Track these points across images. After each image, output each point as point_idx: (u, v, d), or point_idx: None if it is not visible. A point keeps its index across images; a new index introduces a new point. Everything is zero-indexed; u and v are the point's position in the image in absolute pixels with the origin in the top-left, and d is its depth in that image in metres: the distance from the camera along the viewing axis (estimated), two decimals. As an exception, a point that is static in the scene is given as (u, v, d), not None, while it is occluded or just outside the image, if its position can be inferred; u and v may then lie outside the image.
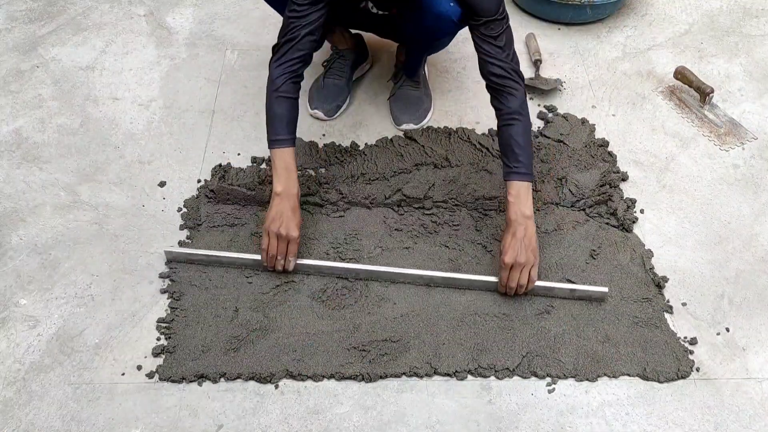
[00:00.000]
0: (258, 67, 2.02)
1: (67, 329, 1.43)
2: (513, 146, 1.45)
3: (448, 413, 1.33)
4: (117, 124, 1.86)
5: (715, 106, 1.92)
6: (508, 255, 1.42)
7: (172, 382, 1.35)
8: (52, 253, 1.56)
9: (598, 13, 2.15)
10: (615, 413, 1.33)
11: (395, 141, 1.79)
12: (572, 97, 1.96)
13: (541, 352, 1.40)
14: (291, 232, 1.45)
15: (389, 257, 1.56)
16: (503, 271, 1.44)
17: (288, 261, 1.48)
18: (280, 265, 1.49)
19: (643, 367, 1.38)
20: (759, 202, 1.70)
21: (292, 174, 1.48)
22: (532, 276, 1.44)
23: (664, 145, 1.83)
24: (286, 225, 1.45)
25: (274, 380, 1.36)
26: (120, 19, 2.17)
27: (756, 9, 2.26)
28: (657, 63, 2.07)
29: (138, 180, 1.71)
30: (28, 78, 1.98)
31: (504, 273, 1.44)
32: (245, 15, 2.20)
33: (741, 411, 1.34)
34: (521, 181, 1.45)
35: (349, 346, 1.40)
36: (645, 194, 1.71)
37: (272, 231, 1.45)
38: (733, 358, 1.41)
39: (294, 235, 1.46)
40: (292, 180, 1.47)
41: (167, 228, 1.61)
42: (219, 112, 1.89)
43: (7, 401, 1.33)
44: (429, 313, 1.46)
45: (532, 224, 1.45)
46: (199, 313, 1.45)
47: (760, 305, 1.50)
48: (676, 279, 1.54)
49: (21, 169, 1.74)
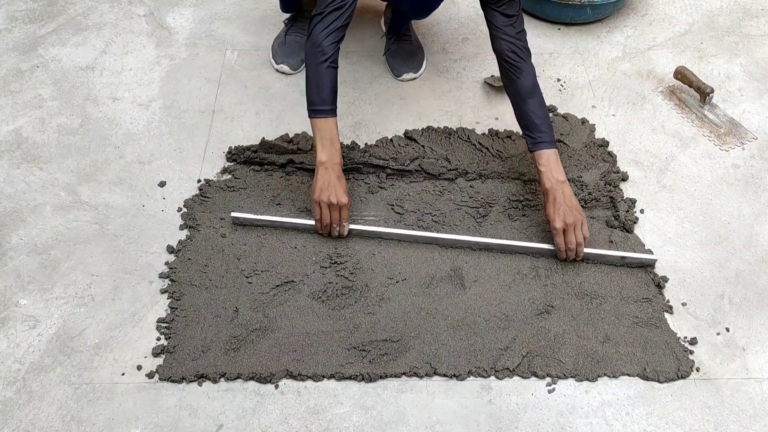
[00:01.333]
0: (258, 67, 2.02)
1: (67, 329, 1.43)
2: (533, 119, 1.52)
3: (448, 413, 1.33)
4: (117, 124, 1.85)
5: (715, 106, 1.92)
6: (557, 221, 1.48)
7: (172, 382, 1.35)
8: (52, 253, 1.56)
9: (598, 13, 2.15)
10: (615, 413, 1.33)
11: (395, 141, 1.79)
12: (572, 97, 1.96)
13: (541, 352, 1.40)
14: (341, 198, 1.49)
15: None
16: (557, 237, 1.49)
17: (342, 227, 1.53)
18: (336, 232, 1.54)
19: (643, 367, 1.39)
20: (759, 202, 1.70)
21: (336, 143, 1.51)
22: (585, 233, 1.50)
23: (664, 145, 1.83)
24: (336, 193, 1.49)
25: (274, 380, 1.36)
26: (120, 19, 2.17)
27: (756, 9, 2.26)
28: (657, 63, 2.07)
29: (138, 180, 1.71)
30: (28, 78, 1.98)
31: (559, 239, 1.49)
32: (245, 15, 2.20)
33: (741, 411, 1.34)
34: (548, 149, 1.51)
35: (349, 346, 1.40)
36: (645, 194, 1.71)
37: (323, 201, 1.49)
38: (733, 358, 1.41)
39: (344, 201, 1.50)
40: (336, 149, 1.51)
41: (167, 228, 1.61)
42: (219, 112, 1.89)
43: (7, 401, 1.33)
44: (429, 313, 1.46)
45: (568, 187, 1.51)
46: (199, 313, 1.45)
47: (760, 305, 1.50)
48: (676, 279, 1.54)
49: (21, 169, 1.74)
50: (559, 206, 1.48)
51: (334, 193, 1.49)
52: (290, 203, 1.64)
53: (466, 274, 1.53)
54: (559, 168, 1.51)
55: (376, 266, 1.53)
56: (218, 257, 1.54)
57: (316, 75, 1.49)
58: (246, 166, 1.73)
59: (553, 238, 1.50)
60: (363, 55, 2.06)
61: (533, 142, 1.52)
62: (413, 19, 1.99)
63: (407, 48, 2.00)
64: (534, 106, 1.53)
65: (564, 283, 1.52)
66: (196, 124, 1.85)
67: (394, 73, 2.00)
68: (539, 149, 1.51)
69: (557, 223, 1.47)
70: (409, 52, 2.00)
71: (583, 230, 1.49)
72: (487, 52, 2.08)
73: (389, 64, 2.01)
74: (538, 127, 1.51)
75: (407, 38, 2.01)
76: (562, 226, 1.47)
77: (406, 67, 1.98)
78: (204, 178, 1.71)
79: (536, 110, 1.52)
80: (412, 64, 1.99)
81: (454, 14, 2.21)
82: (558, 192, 1.49)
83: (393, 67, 2.00)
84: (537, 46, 2.11)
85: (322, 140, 1.50)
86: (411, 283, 1.51)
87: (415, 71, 1.99)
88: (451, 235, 1.56)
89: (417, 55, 2.01)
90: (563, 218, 1.47)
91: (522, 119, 1.55)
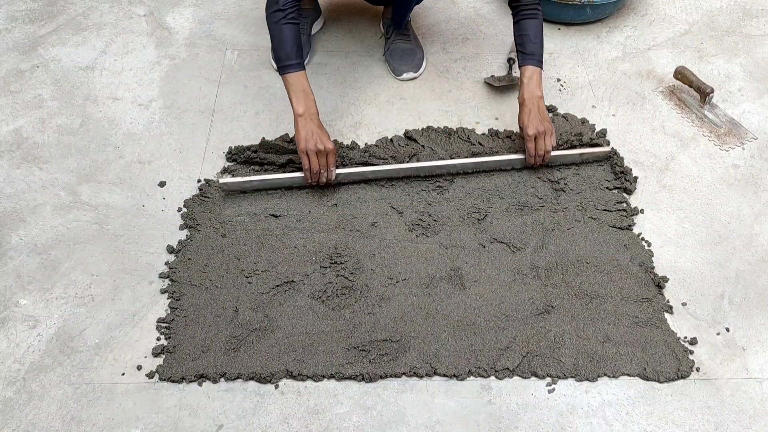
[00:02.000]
0: (258, 67, 2.02)
1: (67, 329, 1.43)
2: (530, 37, 1.67)
3: (448, 413, 1.33)
4: (117, 124, 1.86)
5: (715, 106, 1.92)
6: (530, 128, 1.61)
7: (172, 382, 1.36)
8: (52, 253, 1.56)
9: (598, 13, 2.15)
10: (615, 413, 1.33)
11: (395, 141, 1.79)
12: (572, 97, 1.96)
13: (541, 352, 1.40)
14: (327, 144, 1.55)
15: None
16: (529, 142, 1.63)
17: (330, 172, 1.59)
18: (324, 178, 1.60)
19: (643, 367, 1.39)
20: (759, 202, 1.70)
21: (309, 95, 1.57)
22: (552, 142, 1.64)
23: (664, 145, 1.83)
24: (320, 139, 1.55)
25: (274, 380, 1.36)
26: (120, 19, 2.17)
27: (756, 9, 2.26)
28: (657, 63, 2.07)
29: (138, 180, 1.71)
30: (28, 78, 1.98)
31: (530, 144, 1.63)
32: (245, 15, 2.20)
33: (741, 411, 1.34)
34: (534, 67, 1.67)
35: (349, 346, 1.40)
36: (645, 194, 1.71)
37: (309, 149, 1.55)
38: (733, 358, 1.41)
39: (330, 147, 1.56)
40: (310, 100, 1.57)
41: (167, 228, 1.61)
42: (219, 112, 1.89)
43: (7, 401, 1.33)
44: (429, 313, 1.46)
45: (543, 101, 1.66)
46: (199, 313, 1.45)
47: (760, 305, 1.50)
48: (676, 279, 1.54)
49: (21, 169, 1.74)
50: (533, 116, 1.62)
51: (319, 140, 1.55)
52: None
53: (466, 274, 1.53)
54: (540, 85, 1.66)
55: (376, 266, 1.53)
56: (218, 257, 1.54)
57: (278, 33, 1.56)
58: (246, 166, 1.73)
59: (525, 143, 1.64)
60: (363, 55, 2.06)
61: (523, 58, 1.67)
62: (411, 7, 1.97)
63: (406, 47, 2.01)
64: (532, 27, 1.67)
65: (564, 283, 1.52)
66: (196, 124, 1.85)
67: (394, 72, 2.00)
68: (527, 64, 1.66)
69: (530, 129, 1.61)
70: (409, 51, 2.01)
71: (552, 140, 1.63)
72: (487, 52, 2.09)
73: (389, 63, 2.02)
74: (532, 46, 1.66)
75: (406, 37, 2.02)
76: (534, 132, 1.61)
77: (406, 66, 1.99)
78: (204, 178, 1.71)
79: (534, 30, 1.67)
80: (412, 63, 2.00)
81: (454, 14, 2.21)
82: (533, 104, 1.63)
83: (393, 67, 2.00)
84: (537, 46, 2.11)
85: (296, 93, 1.56)
86: (411, 283, 1.51)
87: (415, 71, 1.99)
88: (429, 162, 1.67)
89: (416, 55, 2.02)
90: (536, 126, 1.61)
91: (518, 36, 1.69)
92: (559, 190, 1.69)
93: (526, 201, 1.66)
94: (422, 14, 2.20)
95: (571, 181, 1.71)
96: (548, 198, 1.68)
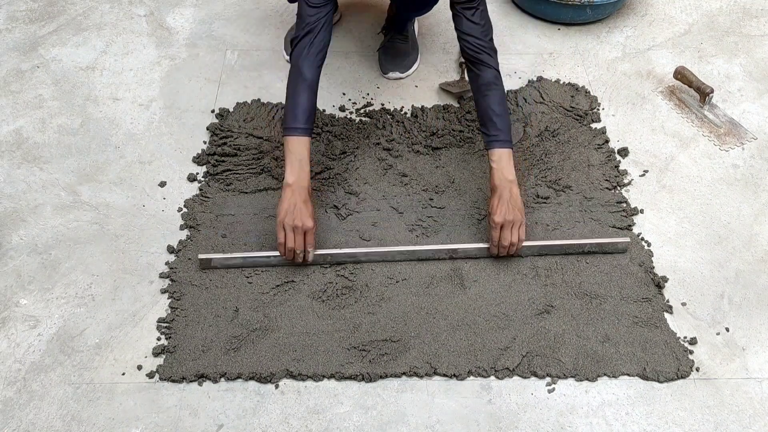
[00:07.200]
0: (258, 67, 2.02)
1: (68, 329, 1.43)
2: (491, 115, 1.53)
3: (448, 413, 1.33)
4: (117, 124, 1.86)
5: (714, 106, 1.92)
6: (497, 215, 1.49)
7: (172, 382, 1.36)
8: (52, 253, 1.56)
9: (598, 14, 2.15)
10: (615, 413, 1.33)
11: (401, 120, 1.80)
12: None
13: (541, 352, 1.40)
14: (306, 222, 1.46)
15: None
16: (494, 230, 1.50)
17: (307, 252, 1.49)
18: (299, 258, 1.49)
19: (643, 367, 1.39)
20: (759, 202, 1.70)
21: (305, 166, 1.48)
22: (521, 235, 1.51)
23: (664, 145, 1.83)
24: (300, 216, 1.45)
25: (275, 380, 1.36)
26: (120, 19, 2.18)
27: (756, 9, 2.26)
28: (657, 63, 2.07)
29: (138, 180, 1.72)
30: (29, 78, 1.98)
31: (495, 232, 1.50)
32: (245, 15, 2.20)
33: (741, 411, 1.34)
34: (502, 148, 1.53)
35: (349, 346, 1.40)
36: (645, 194, 1.71)
37: (287, 224, 1.45)
38: (732, 358, 1.42)
39: (309, 226, 1.46)
40: (304, 172, 1.48)
41: (167, 228, 1.61)
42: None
43: (7, 401, 1.33)
44: (429, 313, 1.46)
45: (516, 187, 1.52)
46: (200, 313, 1.45)
47: (760, 305, 1.50)
48: (676, 279, 1.54)
49: (21, 169, 1.74)
50: (503, 203, 1.50)
51: (299, 216, 1.45)
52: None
53: (466, 274, 1.53)
54: (511, 167, 1.52)
55: (376, 266, 1.54)
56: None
57: (294, 94, 1.50)
58: (218, 179, 1.71)
59: (489, 231, 1.52)
60: (363, 55, 2.07)
61: (488, 140, 1.54)
62: (413, 17, 1.98)
63: (401, 47, 2.00)
64: (492, 104, 1.54)
65: (564, 283, 1.52)
66: (197, 124, 1.85)
67: (382, 69, 2.00)
68: (493, 147, 1.53)
69: (497, 217, 1.49)
70: (402, 51, 2.00)
71: (520, 231, 1.51)
72: (487, 52, 2.08)
73: (379, 60, 2.01)
74: (495, 125, 1.53)
75: (404, 38, 2.01)
76: (501, 221, 1.49)
77: (394, 66, 1.98)
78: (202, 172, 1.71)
79: (495, 107, 1.54)
80: (402, 63, 1.99)
81: (454, 14, 2.21)
82: (505, 190, 1.51)
83: (382, 64, 2.00)
84: (537, 46, 2.11)
85: (291, 161, 1.47)
86: (411, 283, 1.51)
87: (402, 71, 1.98)
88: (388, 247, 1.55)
89: (409, 56, 2.00)
90: (504, 214, 1.49)
91: (480, 116, 1.56)
92: (559, 190, 1.69)
93: (525, 201, 1.66)
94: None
95: (571, 181, 1.71)
96: (548, 198, 1.68)
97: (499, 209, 1.49)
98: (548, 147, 1.78)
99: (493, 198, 1.51)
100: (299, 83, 1.50)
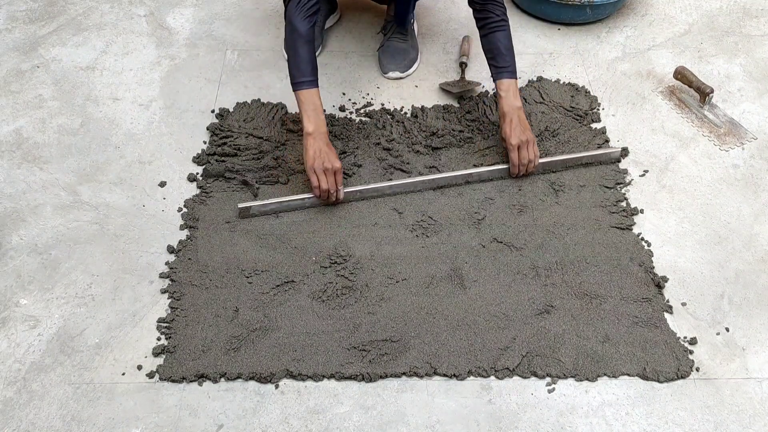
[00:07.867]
0: (258, 67, 2.02)
1: (68, 329, 1.43)
2: (501, 49, 1.68)
3: (448, 413, 1.33)
4: (117, 124, 1.86)
5: (714, 106, 1.92)
6: (513, 137, 1.64)
7: (172, 382, 1.36)
8: (52, 253, 1.56)
9: (597, 14, 2.15)
10: (615, 413, 1.33)
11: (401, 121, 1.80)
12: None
13: (541, 352, 1.40)
14: (335, 163, 1.57)
15: None
16: (512, 152, 1.65)
17: (338, 191, 1.60)
18: (333, 197, 1.60)
19: (643, 367, 1.39)
20: (759, 202, 1.70)
21: (320, 114, 1.59)
22: (536, 151, 1.66)
23: (664, 145, 1.83)
24: (328, 158, 1.56)
25: (275, 380, 1.36)
26: (120, 19, 2.18)
27: (756, 9, 2.26)
28: (657, 63, 2.07)
29: (138, 180, 1.72)
30: (29, 78, 1.98)
31: (514, 154, 1.65)
32: (245, 15, 2.20)
33: (741, 411, 1.34)
34: (510, 79, 1.68)
35: (349, 346, 1.40)
36: (645, 194, 1.71)
37: (318, 168, 1.56)
38: (733, 358, 1.42)
39: (338, 166, 1.57)
40: (321, 119, 1.58)
41: (167, 228, 1.61)
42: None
43: (7, 401, 1.33)
44: (429, 313, 1.46)
45: (522, 112, 1.68)
46: (200, 313, 1.45)
47: (760, 305, 1.50)
48: (676, 279, 1.54)
49: (21, 169, 1.74)
50: (515, 126, 1.64)
51: (327, 158, 1.56)
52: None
53: (466, 274, 1.53)
54: (517, 96, 1.68)
55: (376, 266, 1.54)
56: (218, 257, 1.54)
57: (294, 51, 1.58)
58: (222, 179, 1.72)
59: (509, 153, 1.65)
60: (363, 55, 2.07)
61: (497, 71, 1.68)
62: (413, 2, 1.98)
63: (401, 47, 2.01)
64: (502, 39, 1.67)
65: (564, 283, 1.52)
66: (197, 124, 1.86)
67: (381, 69, 2.00)
68: (502, 78, 1.67)
69: (513, 139, 1.63)
70: (402, 51, 2.00)
71: (534, 149, 1.65)
72: (487, 52, 2.09)
73: (379, 60, 2.02)
74: (504, 58, 1.67)
75: (403, 37, 2.01)
76: (518, 142, 1.63)
77: (394, 65, 1.99)
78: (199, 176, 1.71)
79: (504, 42, 1.67)
80: (402, 63, 1.99)
81: (454, 14, 2.22)
82: (514, 116, 1.65)
83: (382, 64, 2.00)
84: (537, 46, 2.11)
85: (306, 111, 1.57)
86: (411, 283, 1.51)
87: (402, 71, 1.99)
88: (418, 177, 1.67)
89: (409, 55, 2.01)
90: (518, 136, 1.63)
91: (488, 50, 1.70)
92: (559, 190, 1.69)
93: (525, 201, 1.67)
94: (422, 14, 2.20)
95: (571, 181, 1.71)
96: (548, 198, 1.68)
97: (513, 132, 1.63)
98: (548, 147, 1.78)
99: (504, 124, 1.65)
100: (296, 39, 1.57)
